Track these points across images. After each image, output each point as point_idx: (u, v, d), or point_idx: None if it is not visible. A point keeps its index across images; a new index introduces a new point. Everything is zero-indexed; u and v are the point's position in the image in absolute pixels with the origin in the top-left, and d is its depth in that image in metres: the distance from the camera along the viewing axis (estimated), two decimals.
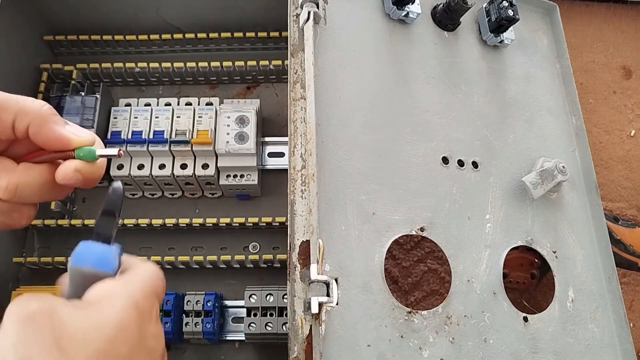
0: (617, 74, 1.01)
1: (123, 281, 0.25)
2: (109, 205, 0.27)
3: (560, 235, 0.56)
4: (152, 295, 0.26)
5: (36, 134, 0.27)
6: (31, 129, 0.26)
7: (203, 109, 0.70)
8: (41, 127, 0.27)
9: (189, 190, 0.73)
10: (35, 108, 0.27)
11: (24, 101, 0.26)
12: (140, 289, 0.25)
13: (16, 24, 0.69)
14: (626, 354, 0.53)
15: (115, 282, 0.25)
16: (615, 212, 0.90)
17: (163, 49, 0.78)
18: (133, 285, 0.25)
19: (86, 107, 0.67)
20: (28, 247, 0.71)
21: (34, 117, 0.26)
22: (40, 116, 0.27)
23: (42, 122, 0.27)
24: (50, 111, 0.27)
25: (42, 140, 0.27)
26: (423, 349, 0.45)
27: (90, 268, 0.25)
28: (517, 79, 0.63)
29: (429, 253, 0.51)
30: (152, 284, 0.26)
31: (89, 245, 0.26)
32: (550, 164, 0.55)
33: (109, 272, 0.25)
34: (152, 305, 0.26)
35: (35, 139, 0.27)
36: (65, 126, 0.28)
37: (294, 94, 0.51)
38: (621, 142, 0.96)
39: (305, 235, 0.45)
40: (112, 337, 0.23)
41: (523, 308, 0.51)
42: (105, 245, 0.26)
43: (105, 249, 0.26)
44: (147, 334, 0.24)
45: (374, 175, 0.50)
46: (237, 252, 0.70)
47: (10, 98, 0.26)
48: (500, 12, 0.59)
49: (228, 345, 0.69)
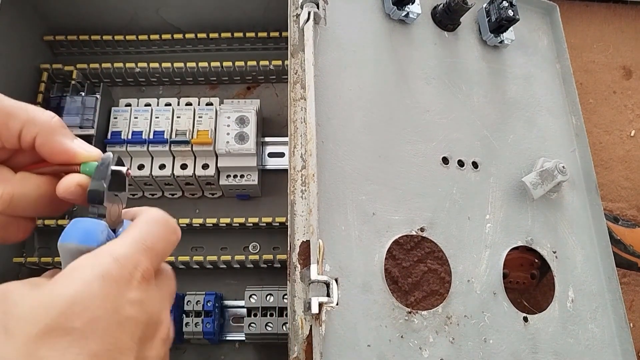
0: (617, 74, 1.01)
1: (94, 253, 0.24)
2: (97, 177, 0.26)
3: (560, 236, 0.56)
4: (136, 257, 0.24)
5: (42, 145, 0.26)
6: (38, 139, 0.26)
7: (203, 109, 0.70)
8: (49, 138, 0.26)
9: (189, 191, 0.73)
10: (44, 119, 0.26)
11: (34, 111, 0.26)
12: (113, 255, 0.23)
13: (16, 24, 0.69)
14: (626, 354, 0.53)
15: (86, 256, 0.24)
16: (615, 212, 0.90)
17: (163, 49, 0.78)
18: (105, 254, 0.23)
19: (86, 107, 0.67)
20: (28, 247, 0.71)
21: (42, 128, 0.26)
22: (49, 127, 0.26)
23: (50, 133, 0.26)
24: (60, 123, 0.27)
25: (48, 152, 0.26)
26: (423, 349, 0.45)
27: (75, 244, 0.24)
28: (517, 79, 0.63)
29: (429, 253, 0.51)
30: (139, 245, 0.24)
31: (77, 222, 0.25)
32: (550, 164, 0.55)
33: (92, 246, 0.24)
34: (133, 268, 0.24)
35: (41, 150, 0.26)
36: (74, 140, 0.27)
37: (294, 94, 0.51)
38: (621, 142, 0.96)
39: (305, 235, 0.45)
40: (62, 311, 0.21)
41: (523, 308, 0.51)
42: (93, 219, 0.25)
43: (91, 223, 0.25)
44: (122, 302, 0.23)
45: (374, 175, 0.50)
46: (237, 252, 0.70)
47: (20, 107, 0.26)
48: (500, 13, 0.59)
49: (228, 346, 0.69)
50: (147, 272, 0.24)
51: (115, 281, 0.23)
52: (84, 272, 0.23)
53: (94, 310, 0.22)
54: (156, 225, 0.26)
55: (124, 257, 0.24)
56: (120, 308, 0.23)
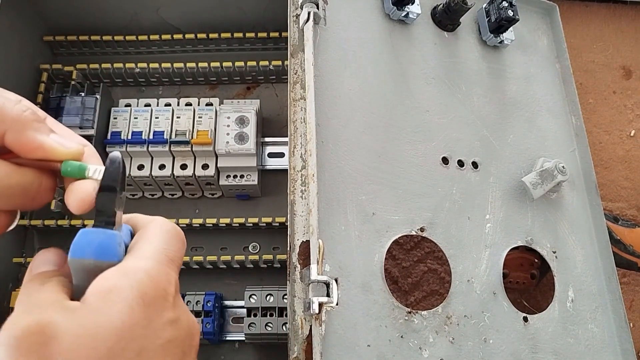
0: (617, 74, 1.01)
1: (124, 270, 0.22)
2: (107, 179, 0.24)
3: (560, 235, 0.56)
4: (166, 271, 0.22)
5: (13, 142, 0.23)
6: (8, 136, 0.23)
7: (203, 109, 0.70)
8: (20, 135, 0.23)
9: (189, 191, 0.73)
10: (13, 114, 0.23)
11: (2, 104, 0.23)
12: (147, 274, 0.22)
13: (16, 25, 0.69)
14: (626, 354, 0.53)
15: (115, 273, 0.22)
16: (615, 212, 0.90)
17: (163, 49, 0.78)
18: (137, 273, 0.22)
19: (86, 107, 0.67)
20: (28, 247, 0.71)
21: (11, 124, 0.23)
22: (18, 123, 0.23)
23: (20, 129, 0.23)
24: (32, 117, 0.24)
25: (20, 149, 0.24)
26: (423, 349, 0.45)
27: (92, 260, 0.22)
28: (517, 79, 0.63)
29: (429, 253, 0.51)
30: (165, 257, 0.23)
31: (88, 233, 0.22)
32: (550, 164, 0.55)
33: (113, 261, 0.22)
34: (168, 284, 0.22)
35: (12, 147, 0.24)
36: (51, 134, 0.24)
37: (293, 95, 0.51)
38: (621, 142, 0.96)
39: (305, 235, 0.45)
40: (112, 345, 0.20)
41: (523, 308, 0.51)
42: (106, 230, 0.23)
43: (106, 234, 0.23)
44: (161, 324, 0.21)
45: (374, 175, 0.50)
46: (237, 252, 0.70)
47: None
48: (500, 13, 0.59)
49: (228, 346, 0.69)
50: (177, 285, 0.23)
51: (154, 301, 0.21)
52: (121, 294, 0.21)
53: (141, 341, 0.21)
54: (171, 235, 0.25)
55: (157, 273, 0.22)
56: (162, 331, 0.21)
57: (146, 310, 0.21)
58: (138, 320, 0.21)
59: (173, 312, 0.22)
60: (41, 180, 0.25)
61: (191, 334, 0.23)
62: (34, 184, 0.24)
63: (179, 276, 0.24)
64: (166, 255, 0.23)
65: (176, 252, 0.24)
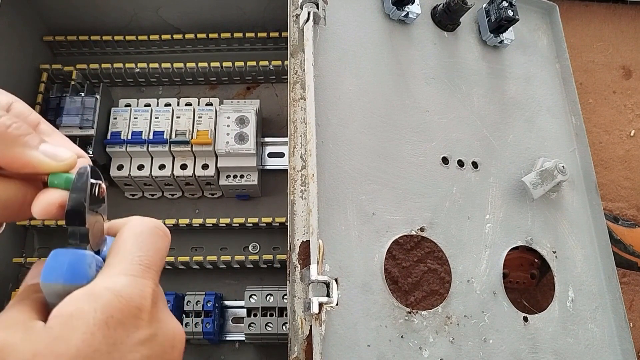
0: (617, 74, 1.01)
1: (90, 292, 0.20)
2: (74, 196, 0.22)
3: (560, 235, 0.56)
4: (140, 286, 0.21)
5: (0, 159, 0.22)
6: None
7: (203, 109, 0.70)
8: (5, 152, 0.22)
9: (188, 191, 0.73)
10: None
11: None
12: (115, 294, 0.20)
13: (16, 25, 0.69)
14: (626, 354, 0.53)
15: (81, 296, 0.20)
16: (615, 212, 0.90)
17: (163, 49, 0.78)
18: (104, 294, 0.20)
19: (86, 107, 0.67)
20: (28, 247, 0.71)
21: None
22: (3, 139, 0.22)
23: (5, 146, 0.22)
24: (18, 132, 0.22)
25: (7, 165, 0.22)
26: (423, 349, 0.45)
27: (61, 284, 0.21)
28: (517, 79, 0.63)
29: (429, 253, 0.51)
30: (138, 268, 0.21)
31: (58, 255, 0.22)
32: (550, 164, 0.55)
33: (82, 284, 0.21)
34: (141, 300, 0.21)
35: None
36: (41, 146, 0.23)
37: (293, 95, 0.51)
38: (621, 142, 0.96)
39: (305, 235, 0.45)
40: None
41: (523, 308, 0.51)
42: (77, 250, 0.22)
43: (76, 256, 0.22)
44: (131, 345, 0.20)
45: (374, 175, 0.50)
46: (237, 253, 0.70)
47: None
48: (500, 13, 0.59)
49: (228, 346, 0.69)
50: (154, 294, 0.21)
51: (122, 323, 0.20)
52: (83, 319, 0.20)
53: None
54: (146, 237, 0.23)
55: (128, 291, 0.21)
56: (132, 353, 0.20)
57: (112, 333, 0.20)
58: (99, 346, 0.19)
59: (148, 329, 0.21)
60: (26, 193, 0.23)
61: (171, 346, 0.22)
62: (19, 198, 0.23)
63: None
64: (140, 265, 0.22)
65: (153, 256, 0.22)
